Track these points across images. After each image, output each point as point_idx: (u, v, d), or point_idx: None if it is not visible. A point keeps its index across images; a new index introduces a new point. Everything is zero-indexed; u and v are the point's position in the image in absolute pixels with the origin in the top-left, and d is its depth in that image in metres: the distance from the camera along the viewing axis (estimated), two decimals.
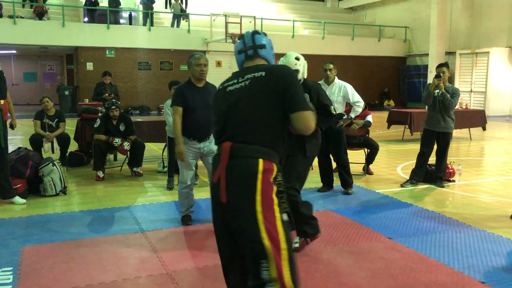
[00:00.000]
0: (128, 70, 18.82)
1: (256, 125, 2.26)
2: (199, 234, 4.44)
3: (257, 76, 2.31)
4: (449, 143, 6.33)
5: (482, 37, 20.01)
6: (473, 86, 19.61)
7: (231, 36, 17.02)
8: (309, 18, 23.58)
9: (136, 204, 5.48)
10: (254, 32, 2.56)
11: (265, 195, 2.15)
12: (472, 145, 10.80)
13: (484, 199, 5.76)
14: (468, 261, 3.74)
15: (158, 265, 3.66)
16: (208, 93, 4.50)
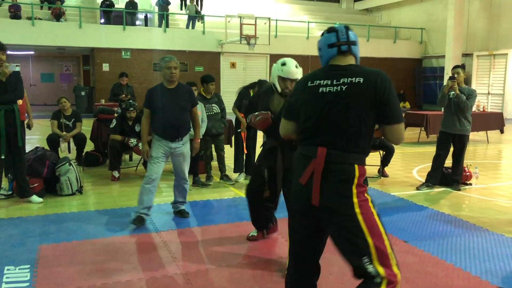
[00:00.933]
0: (144, 71, 18.96)
1: (352, 133, 2.27)
2: (213, 234, 4.45)
3: (355, 83, 2.26)
4: (466, 146, 6.25)
5: (500, 39, 19.71)
6: (491, 88, 19.34)
7: (245, 38, 17.05)
8: (324, 19, 23.50)
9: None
10: (347, 28, 2.47)
11: (360, 197, 2.26)
12: (489, 148, 10.64)
13: (502, 203, 5.68)
14: (485, 266, 3.69)
15: (173, 266, 3.68)
16: (178, 94, 4.65)
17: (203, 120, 6.15)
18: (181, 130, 4.68)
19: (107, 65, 18.35)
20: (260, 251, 4.01)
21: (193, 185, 6.32)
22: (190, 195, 5.89)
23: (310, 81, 2.40)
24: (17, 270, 3.56)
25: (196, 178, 6.38)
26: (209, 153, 6.57)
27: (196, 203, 5.57)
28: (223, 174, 6.65)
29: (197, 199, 5.72)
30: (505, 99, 18.68)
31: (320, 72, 2.42)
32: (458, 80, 6.05)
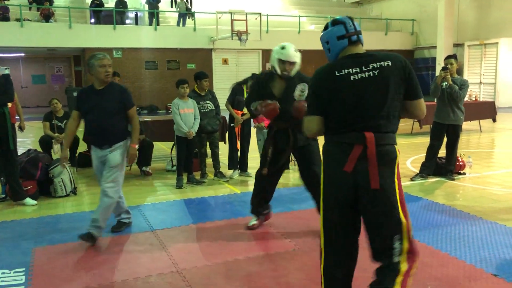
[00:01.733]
0: (135, 70, 18.89)
1: (389, 114, 2.39)
2: (208, 231, 4.44)
3: (386, 66, 2.38)
4: (459, 136, 6.27)
5: (490, 28, 19.76)
6: (483, 77, 19.42)
7: (237, 34, 17.01)
8: (315, 13, 23.47)
9: (145, 203, 5.50)
10: (351, 18, 2.57)
11: (399, 177, 2.42)
12: (482, 137, 10.70)
13: (495, 191, 5.70)
14: (480, 254, 3.71)
15: (168, 263, 3.67)
16: (106, 96, 4.12)
17: (196, 117, 6.14)
18: (108, 136, 4.12)
19: None
20: (257, 247, 4.01)
21: (188, 183, 6.31)
22: (184, 193, 5.91)
23: (337, 71, 2.41)
24: (12, 273, 3.54)
25: (191, 175, 6.37)
26: (203, 150, 6.56)
27: (191, 200, 5.56)
28: (217, 171, 6.64)
29: (192, 197, 5.71)
30: (497, 88, 18.76)
31: (343, 61, 2.45)
32: (450, 70, 6.06)
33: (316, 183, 3.42)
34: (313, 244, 4.01)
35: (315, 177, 3.85)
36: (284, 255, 3.80)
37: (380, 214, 2.38)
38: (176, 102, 6.09)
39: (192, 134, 6.05)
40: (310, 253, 3.82)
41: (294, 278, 3.36)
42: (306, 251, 3.87)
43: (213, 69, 19.67)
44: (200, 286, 3.28)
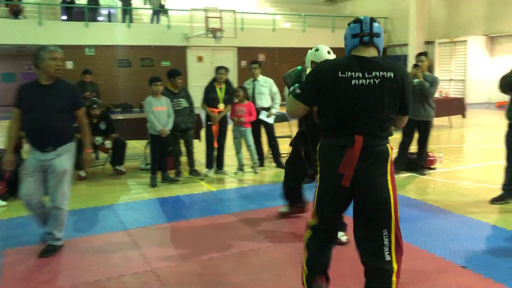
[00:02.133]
0: (109, 68, 18.61)
1: (384, 121, 2.51)
2: (183, 230, 4.42)
3: (387, 77, 2.46)
4: (430, 132, 6.40)
5: (460, 26, 20.22)
6: (453, 74, 19.85)
7: (211, 31, 16.93)
8: (290, 11, 23.56)
9: (119, 202, 5.44)
10: (372, 19, 2.59)
11: (392, 174, 2.55)
12: (452, 133, 10.95)
13: (465, 186, 5.85)
14: (449, 247, 3.81)
15: (142, 263, 3.65)
16: (55, 92, 3.71)
17: (170, 115, 6.09)
18: (53, 137, 3.69)
19: (71, 62, 17.89)
20: (231, 244, 4.01)
21: (162, 181, 6.26)
22: (159, 192, 5.87)
23: (340, 72, 2.47)
24: None
25: (165, 174, 6.33)
26: (178, 148, 6.52)
27: (166, 199, 5.53)
28: (192, 169, 6.61)
29: (167, 195, 5.68)
30: (466, 85, 19.21)
31: (348, 62, 2.50)
32: (422, 67, 6.18)
33: None
34: (287, 240, 4.05)
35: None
36: (259, 251, 3.82)
37: (372, 210, 2.51)
38: (149, 100, 6.03)
39: (165, 132, 6.01)
40: (285, 249, 3.85)
41: (268, 275, 3.38)
42: (280, 247, 3.90)
43: (187, 66, 19.55)
44: (174, 285, 3.27)
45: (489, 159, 7.49)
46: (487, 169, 6.80)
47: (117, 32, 18.39)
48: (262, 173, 6.89)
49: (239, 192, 5.85)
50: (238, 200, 5.51)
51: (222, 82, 6.54)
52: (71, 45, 17.67)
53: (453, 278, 3.25)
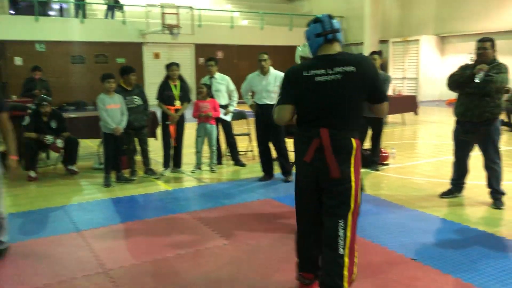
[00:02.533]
0: (61, 64, 17.99)
1: (348, 114, 2.61)
2: (138, 230, 4.34)
3: (349, 72, 2.56)
4: (383, 128, 6.57)
5: (412, 26, 20.85)
6: (406, 73, 20.45)
7: (168, 27, 16.69)
8: (248, 8, 23.56)
9: (71, 203, 5.27)
10: (330, 16, 2.70)
11: (356, 167, 2.64)
12: (405, 130, 11.29)
13: (416, 181, 6.05)
14: (400, 240, 3.92)
15: (95, 265, 3.55)
16: None
17: (123, 113, 5.96)
18: None
19: (20, 58, 17.20)
20: (187, 243, 3.97)
21: (117, 181, 6.12)
22: (113, 192, 5.73)
23: (304, 71, 2.63)
24: None
25: (119, 173, 6.18)
26: (132, 147, 6.39)
27: (120, 199, 5.40)
28: (147, 168, 6.49)
29: (121, 195, 5.55)
30: (419, 83, 19.84)
31: (313, 62, 2.66)
32: None
33: None
34: (244, 238, 4.05)
35: None
36: (215, 250, 3.80)
37: (333, 196, 2.64)
38: (102, 98, 5.87)
39: (119, 131, 5.87)
40: (241, 246, 3.85)
41: (224, 273, 3.37)
42: (237, 245, 3.89)
43: (144, 63, 19.21)
44: (128, 286, 3.20)
45: (440, 155, 7.78)
46: (438, 164, 7.05)
47: (70, 28, 17.81)
48: (220, 171, 6.86)
49: (196, 191, 5.80)
50: (194, 199, 5.46)
51: (176, 79, 6.45)
52: (20, 40, 16.99)
53: (403, 270, 3.34)
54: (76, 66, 18.32)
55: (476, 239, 3.94)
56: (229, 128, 7.10)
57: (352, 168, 2.62)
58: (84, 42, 18.10)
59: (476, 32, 17.28)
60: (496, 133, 4.77)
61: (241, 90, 6.37)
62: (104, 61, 18.60)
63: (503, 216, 4.56)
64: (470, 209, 4.81)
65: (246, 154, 7.81)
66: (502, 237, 3.99)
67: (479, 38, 4.80)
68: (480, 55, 4.70)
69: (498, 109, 4.70)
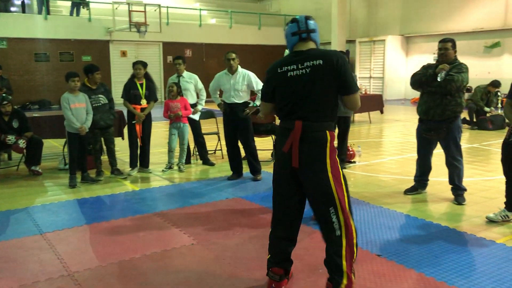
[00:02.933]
0: (24, 62, 17.49)
1: (320, 106, 2.75)
2: (104, 231, 4.26)
3: (316, 65, 2.72)
4: (349, 127, 6.68)
5: (378, 26, 21.27)
6: (372, 72, 20.83)
7: (135, 25, 16.45)
8: (216, 7, 23.49)
9: (34, 205, 5.13)
10: (307, 17, 2.89)
11: (332, 158, 2.76)
12: (371, 128, 11.50)
13: (382, 178, 6.17)
14: (366, 237, 3.99)
15: (58, 267, 3.47)
16: None
17: (88, 112, 5.85)
18: None
19: None
20: (154, 244, 3.93)
21: (82, 182, 5.99)
22: (78, 192, 5.62)
23: (279, 68, 2.84)
24: None
25: (85, 174, 6.06)
26: (98, 146, 6.27)
27: (86, 200, 5.30)
28: (114, 168, 6.38)
29: (87, 196, 5.44)
30: (385, 82, 20.26)
31: (287, 58, 2.86)
32: None
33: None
34: (212, 237, 4.04)
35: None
36: (182, 250, 3.77)
37: (313, 189, 2.80)
38: (66, 97, 5.75)
39: (84, 130, 5.76)
40: (209, 246, 3.84)
41: (192, 273, 3.35)
42: (204, 244, 3.88)
43: (110, 61, 18.89)
44: None
45: (404, 153, 7.96)
46: (402, 161, 7.22)
47: (33, 24, 17.32)
48: (188, 170, 6.82)
49: (164, 190, 5.74)
50: (162, 199, 5.41)
51: (142, 78, 6.37)
52: None
53: (369, 266, 3.41)
54: (40, 64, 17.84)
55: (438, 234, 4.06)
56: (197, 127, 7.06)
57: (328, 160, 2.74)
58: (48, 40, 17.64)
59: (439, 33, 17.78)
60: (458, 131, 4.91)
61: (209, 89, 6.35)
62: (69, 59, 18.19)
63: (465, 212, 4.71)
64: (433, 205, 4.95)
65: (215, 153, 7.79)
66: (463, 232, 4.12)
67: (441, 38, 4.93)
68: (441, 55, 4.83)
69: (459, 107, 4.85)
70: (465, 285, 3.09)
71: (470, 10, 17.92)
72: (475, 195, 5.24)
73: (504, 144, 4.29)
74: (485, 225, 4.29)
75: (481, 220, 4.40)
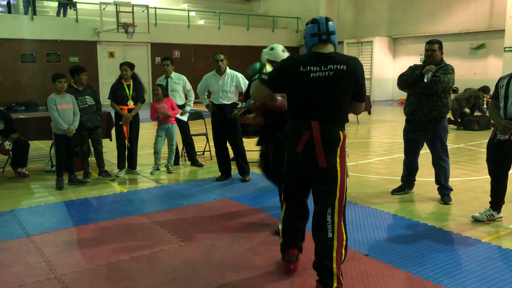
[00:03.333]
0: (10, 63, 17.30)
1: (337, 108, 2.87)
2: (91, 233, 4.23)
3: (340, 69, 2.81)
4: None
5: (366, 27, 21.42)
6: None
7: (123, 26, 16.36)
8: (204, 8, 23.46)
9: (21, 207, 5.08)
10: (327, 19, 2.93)
11: (341, 157, 2.90)
12: (359, 128, 11.57)
13: (370, 178, 6.21)
14: (354, 236, 4.01)
15: (45, 270, 3.44)
16: None
17: (75, 113, 5.80)
18: None
19: None
20: (142, 246, 3.91)
21: (69, 183, 5.94)
22: (65, 194, 5.58)
23: (301, 66, 2.85)
24: None
25: (72, 175, 6.01)
26: (85, 148, 6.22)
27: (73, 202, 5.26)
28: (101, 169, 6.33)
29: (74, 198, 5.40)
30: (372, 83, 20.39)
31: (309, 58, 2.88)
32: None
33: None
34: (200, 238, 4.03)
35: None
36: (170, 251, 3.76)
37: (321, 186, 2.89)
38: (53, 98, 5.70)
39: (71, 132, 5.71)
40: (197, 247, 3.83)
41: (180, 274, 3.34)
42: (192, 245, 3.87)
43: (98, 62, 18.76)
44: None
45: (391, 153, 8.02)
46: (389, 162, 7.28)
47: (19, 25, 17.14)
48: (177, 171, 6.80)
49: (152, 192, 5.72)
50: (150, 201, 5.39)
51: (129, 79, 6.34)
52: None
53: (356, 266, 3.43)
54: (27, 64, 17.66)
55: (425, 234, 4.10)
56: (186, 128, 7.04)
57: (338, 158, 2.87)
58: (34, 40, 17.46)
59: (425, 34, 17.97)
60: (444, 131, 4.97)
61: (197, 91, 6.35)
62: (56, 60, 18.03)
63: (451, 211, 4.77)
64: (420, 205, 4.99)
65: (203, 154, 7.78)
66: (450, 231, 4.16)
67: (428, 40, 4.98)
68: (428, 57, 4.88)
69: (445, 108, 4.90)
70: (451, 284, 3.12)
71: (456, 12, 18.14)
72: (461, 194, 5.30)
73: (489, 144, 4.35)
74: (470, 224, 4.35)
75: (467, 220, 4.46)
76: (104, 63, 18.97)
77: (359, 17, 21.77)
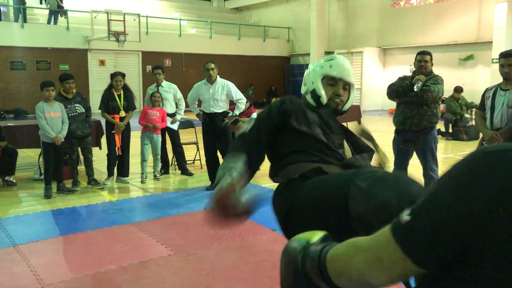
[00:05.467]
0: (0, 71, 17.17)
1: None
2: (79, 242, 4.19)
3: None
4: None
5: (356, 38, 21.60)
6: None
7: (114, 34, 16.34)
8: (196, 17, 23.52)
9: (7, 216, 5.01)
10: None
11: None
12: None
13: None
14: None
15: (32, 280, 3.38)
16: None
17: (64, 121, 5.76)
18: None
19: None
20: (130, 255, 3.87)
21: (58, 192, 5.88)
22: (54, 203, 5.52)
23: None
24: None
25: (61, 184, 5.94)
26: (75, 156, 6.16)
27: (61, 211, 5.20)
28: (91, 178, 6.27)
29: (62, 207, 5.34)
30: (362, 93, 20.52)
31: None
32: None
33: None
34: (189, 248, 4.00)
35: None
36: (159, 261, 3.73)
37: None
38: (41, 106, 5.65)
39: (59, 140, 5.65)
40: (186, 257, 3.80)
41: (169, 284, 3.31)
42: (182, 255, 3.84)
43: (89, 70, 18.69)
44: None
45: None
46: None
47: (9, 32, 17.04)
48: (166, 180, 6.76)
49: (141, 201, 5.68)
50: (139, 210, 5.35)
51: (120, 89, 6.32)
52: None
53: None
54: (16, 72, 17.54)
55: None
56: (176, 137, 7.02)
57: None
58: (24, 48, 17.36)
59: (415, 45, 18.15)
60: (434, 141, 4.99)
61: (187, 100, 6.34)
62: (46, 67, 17.93)
63: None
64: None
65: (194, 163, 7.75)
66: None
67: (419, 50, 5.02)
68: (421, 67, 4.91)
69: (435, 118, 4.93)
70: None
71: (445, 24, 18.37)
72: None
73: None
74: None
75: None
76: (94, 71, 18.90)
77: (349, 27, 21.96)
